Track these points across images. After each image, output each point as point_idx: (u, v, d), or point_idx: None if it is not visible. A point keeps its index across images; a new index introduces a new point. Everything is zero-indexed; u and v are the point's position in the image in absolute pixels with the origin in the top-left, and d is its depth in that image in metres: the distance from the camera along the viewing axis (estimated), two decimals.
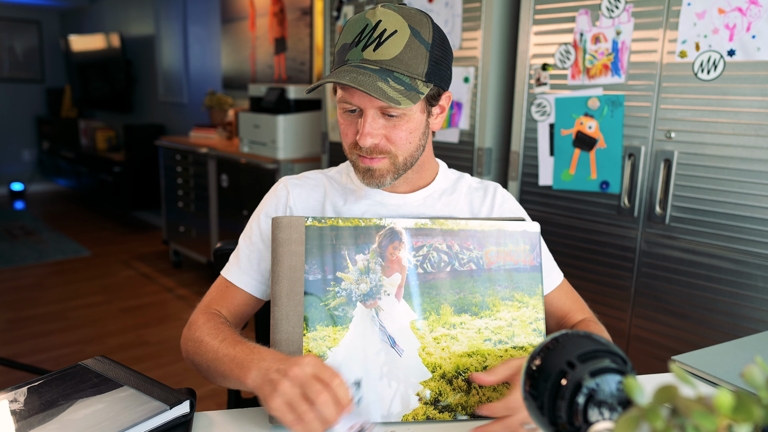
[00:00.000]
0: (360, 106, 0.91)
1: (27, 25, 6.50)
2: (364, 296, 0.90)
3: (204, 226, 3.68)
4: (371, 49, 0.88)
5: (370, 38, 0.89)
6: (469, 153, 2.23)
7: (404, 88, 0.88)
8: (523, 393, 0.58)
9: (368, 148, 0.93)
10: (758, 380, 0.38)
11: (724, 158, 1.61)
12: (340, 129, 0.97)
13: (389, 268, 0.91)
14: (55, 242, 4.61)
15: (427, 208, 1.05)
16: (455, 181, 1.10)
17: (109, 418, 0.76)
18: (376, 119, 0.92)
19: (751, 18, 1.52)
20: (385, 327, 0.88)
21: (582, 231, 1.94)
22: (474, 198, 1.09)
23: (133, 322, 3.17)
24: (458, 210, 1.07)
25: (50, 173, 6.47)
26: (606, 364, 0.54)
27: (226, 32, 4.30)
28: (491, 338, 0.91)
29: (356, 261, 0.91)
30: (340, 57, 0.93)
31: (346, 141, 0.97)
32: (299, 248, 0.90)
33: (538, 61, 1.98)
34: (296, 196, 1.06)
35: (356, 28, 0.90)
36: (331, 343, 0.86)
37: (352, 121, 0.94)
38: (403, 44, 0.88)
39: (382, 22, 0.89)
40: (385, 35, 0.88)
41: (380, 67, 0.88)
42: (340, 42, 0.93)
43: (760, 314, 1.59)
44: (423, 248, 0.93)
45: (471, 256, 0.94)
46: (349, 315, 0.88)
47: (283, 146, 3.05)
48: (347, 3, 2.62)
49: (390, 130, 0.93)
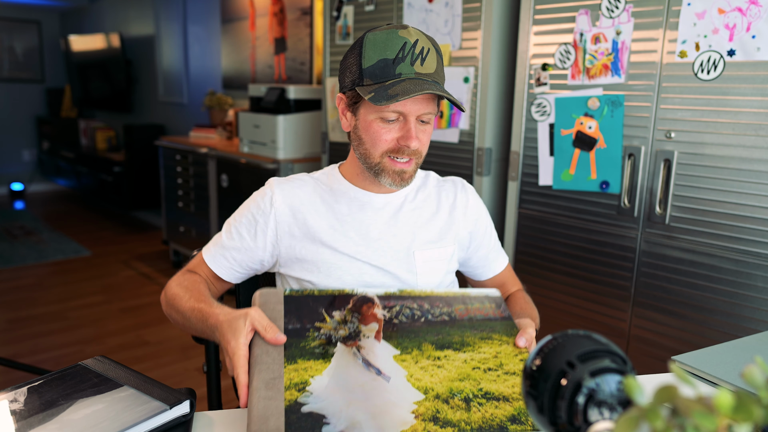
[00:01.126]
0: (408, 113, 1.02)
1: (27, 25, 6.50)
2: (344, 338, 0.89)
3: (204, 226, 3.68)
4: (419, 63, 1.01)
5: (414, 54, 1.00)
6: (469, 153, 2.23)
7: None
8: (523, 393, 0.58)
9: (411, 151, 1.04)
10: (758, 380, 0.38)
11: (724, 158, 1.61)
12: (370, 136, 1.05)
13: (366, 320, 0.94)
14: (55, 242, 4.61)
15: (408, 203, 1.16)
16: (424, 178, 1.22)
17: (109, 418, 0.76)
18: (417, 124, 1.04)
19: (751, 18, 1.52)
20: (369, 360, 0.87)
21: (582, 231, 1.94)
22: (445, 187, 1.22)
23: (133, 322, 3.17)
24: (432, 201, 1.19)
25: (50, 173, 6.47)
26: (606, 364, 0.54)
27: (226, 32, 4.30)
28: (480, 367, 0.89)
29: (333, 315, 0.93)
30: (384, 71, 1.01)
31: (381, 146, 1.05)
32: (278, 306, 0.93)
33: (538, 61, 1.98)
34: (279, 193, 1.13)
35: (395, 45, 1.00)
36: (313, 372, 0.84)
37: (391, 128, 1.04)
38: (436, 60, 1.03)
39: (419, 41, 1.01)
40: (424, 52, 1.01)
41: (432, 79, 1.02)
42: (374, 57, 1.01)
43: (760, 314, 1.59)
44: (395, 307, 0.97)
45: (442, 311, 0.99)
46: (330, 352, 0.87)
47: (283, 146, 3.05)
48: (347, 3, 2.62)
49: (423, 134, 1.06)
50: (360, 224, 1.12)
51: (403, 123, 1.03)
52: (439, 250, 1.16)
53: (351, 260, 1.11)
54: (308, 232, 1.11)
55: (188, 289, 1.07)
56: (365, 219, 1.13)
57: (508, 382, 0.88)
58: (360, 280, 1.11)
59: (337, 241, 1.11)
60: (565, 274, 2.01)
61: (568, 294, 2.00)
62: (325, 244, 1.11)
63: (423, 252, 1.14)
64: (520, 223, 2.10)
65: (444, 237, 1.17)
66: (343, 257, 1.10)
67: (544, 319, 2.09)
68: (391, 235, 1.13)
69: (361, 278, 1.11)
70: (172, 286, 1.10)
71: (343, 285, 1.10)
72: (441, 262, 1.17)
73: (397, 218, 1.14)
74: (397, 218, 1.14)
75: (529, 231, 2.09)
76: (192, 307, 1.01)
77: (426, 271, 1.14)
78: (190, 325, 1.02)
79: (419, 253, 1.14)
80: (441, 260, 1.17)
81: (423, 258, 1.14)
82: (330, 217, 1.12)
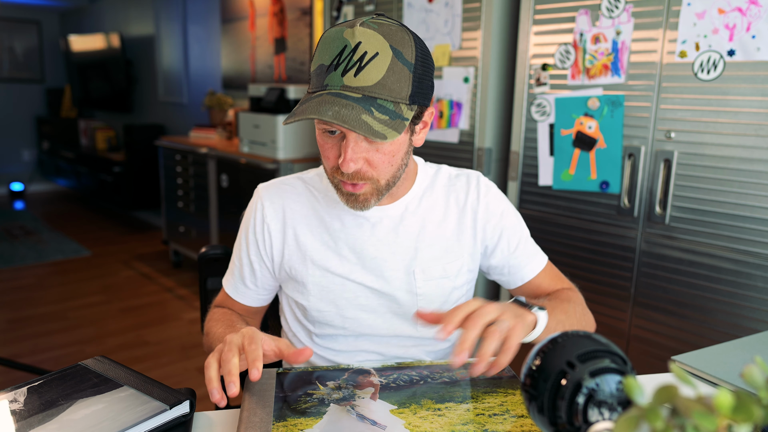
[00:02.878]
0: (342, 130, 0.88)
1: (27, 25, 6.50)
2: (338, 400, 0.85)
3: (204, 226, 3.68)
4: (352, 75, 0.83)
5: (350, 62, 0.83)
6: (469, 153, 2.23)
7: (389, 117, 0.84)
8: (522, 393, 0.58)
9: (350, 175, 0.90)
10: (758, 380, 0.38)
11: (724, 158, 1.61)
12: (320, 150, 0.93)
13: (361, 386, 0.89)
14: (55, 242, 4.61)
15: (410, 214, 1.04)
16: (433, 177, 1.08)
17: (109, 418, 0.76)
18: (359, 143, 0.88)
19: (751, 18, 1.52)
20: (363, 414, 0.82)
21: (582, 231, 1.94)
22: (457, 186, 1.07)
23: (133, 322, 3.17)
24: (439, 207, 1.06)
25: (50, 173, 6.47)
26: (606, 364, 0.54)
27: (226, 32, 4.30)
28: (484, 413, 0.82)
29: (327, 384, 0.89)
30: (317, 79, 0.87)
31: (327, 164, 0.93)
32: (270, 381, 0.90)
33: (538, 61, 1.98)
34: (270, 206, 1.06)
35: (334, 49, 0.84)
36: (303, 427, 0.79)
37: (333, 144, 0.90)
38: (385, 68, 0.83)
39: (362, 44, 0.82)
40: (366, 58, 0.82)
41: (362, 94, 0.83)
42: (317, 61, 0.87)
43: (760, 314, 1.59)
44: (393, 375, 0.93)
45: (443, 375, 0.93)
46: (322, 411, 0.82)
47: (283, 146, 3.05)
48: (347, 3, 2.62)
49: (372, 154, 0.89)
50: (355, 240, 1.02)
51: (344, 139, 0.88)
52: (444, 267, 1.04)
53: (344, 282, 1.03)
54: (299, 248, 1.04)
55: (219, 321, 1.04)
56: (360, 235, 1.02)
57: (516, 422, 0.81)
58: (354, 303, 1.04)
59: (329, 261, 1.02)
60: (565, 274, 2.00)
61: None
62: (316, 264, 1.03)
63: (425, 270, 1.03)
64: None
65: (451, 250, 1.05)
66: (335, 278, 1.03)
67: None
68: (390, 253, 1.02)
69: (356, 301, 1.04)
70: (206, 326, 1.08)
71: (336, 308, 1.05)
72: (446, 279, 1.05)
73: (396, 232, 1.03)
74: (396, 232, 1.03)
75: (529, 231, 2.08)
76: (223, 334, 0.96)
77: (428, 291, 1.04)
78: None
79: (420, 271, 1.03)
80: (446, 277, 1.05)
81: (424, 277, 1.03)
82: (322, 232, 1.04)
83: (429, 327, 1.05)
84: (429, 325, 0.84)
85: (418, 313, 0.83)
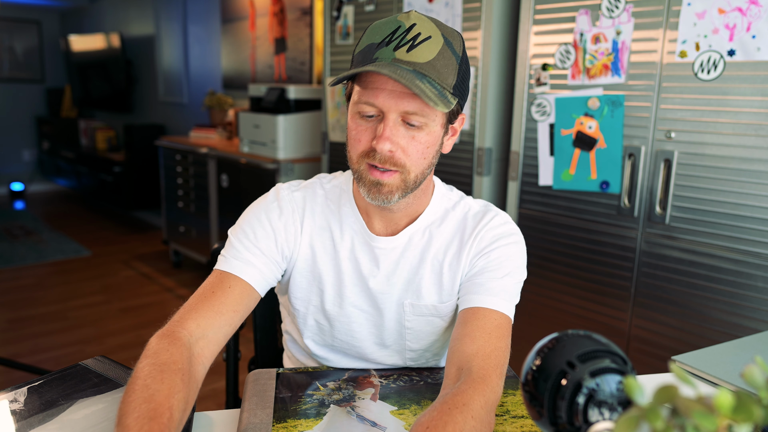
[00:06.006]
0: (383, 108, 0.83)
1: (27, 25, 6.50)
2: (338, 401, 0.85)
3: (204, 226, 3.68)
4: (404, 50, 0.82)
5: (403, 39, 0.82)
6: (469, 153, 2.23)
7: (438, 93, 0.82)
8: (522, 393, 0.58)
9: (383, 157, 0.85)
10: (758, 380, 0.38)
11: (724, 158, 1.61)
12: (350, 135, 0.89)
13: (361, 386, 0.89)
14: (55, 242, 4.61)
15: (412, 246, 0.98)
16: (448, 210, 1.00)
17: (109, 418, 0.76)
18: (397, 126, 0.84)
19: (751, 18, 1.52)
20: (364, 415, 0.82)
21: (582, 231, 1.94)
22: (468, 224, 0.98)
23: (133, 322, 3.17)
24: (442, 245, 0.98)
25: (50, 173, 6.47)
26: (606, 364, 0.54)
27: (226, 32, 4.30)
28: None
29: (327, 385, 0.89)
30: (364, 56, 0.84)
31: (356, 148, 0.87)
32: (270, 382, 0.90)
33: (538, 61, 1.98)
34: (289, 214, 0.99)
35: (386, 29, 0.84)
36: (304, 428, 0.78)
37: (367, 127, 0.86)
38: (437, 51, 0.83)
39: (417, 25, 0.83)
40: (419, 39, 0.82)
41: (414, 69, 0.81)
42: (365, 42, 0.86)
43: (760, 314, 1.59)
44: (392, 375, 0.92)
45: (442, 376, 0.92)
46: (322, 412, 0.82)
47: (283, 146, 3.05)
48: (347, 3, 2.62)
49: (408, 141, 0.86)
50: (360, 266, 0.99)
51: (382, 121, 0.85)
52: (436, 306, 0.98)
53: (342, 303, 1.00)
54: (310, 257, 0.99)
55: (158, 379, 0.73)
56: (366, 262, 0.99)
57: (516, 423, 0.81)
58: (347, 327, 1.01)
59: (334, 278, 1.00)
60: (565, 274, 2.01)
61: (568, 294, 2.00)
62: (322, 278, 0.99)
63: (414, 305, 0.99)
64: (520, 223, 2.10)
65: (445, 289, 0.98)
66: (336, 298, 1.00)
67: (543, 319, 2.10)
68: (388, 284, 0.99)
69: (349, 326, 1.01)
70: (142, 362, 0.77)
71: (330, 326, 1.02)
72: (438, 318, 1.00)
73: (397, 264, 0.98)
74: (397, 264, 0.98)
75: (529, 231, 2.08)
76: (136, 421, 0.66)
77: (416, 326, 0.99)
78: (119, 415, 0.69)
79: (409, 305, 0.98)
80: (438, 316, 0.99)
81: (413, 311, 0.99)
82: (332, 250, 0.99)
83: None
84: None
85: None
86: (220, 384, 2.54)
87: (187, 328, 0.85)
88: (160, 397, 0.70)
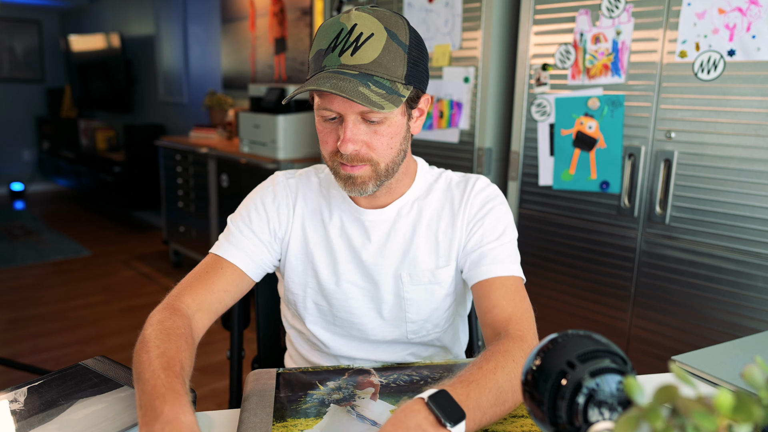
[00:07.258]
0: (340, 112, 0.89)
1: (27, 25, 6.50)
2: (338, 400, 0.85)
3: (204, 226, 3.68)
4: (349, 54, 0.86)
5: (347, 43, 0.86)
6: (469, 153, 2.23)
7: (385, 92, 0.86)
8: (523, 392, 0.58)
9: (349, 156, 0.91)
10: (758, 380, 0.38)
11: (724, 158, 1.61)
12: (319, 137, 0.95)
13: (361, 386, 0.89)
14: (55, 242, 4.61)
15: (402, 218, 1.03)
16: (432, 183, 1.06)
17: (109, 418, 0.76)
18: (357, 125, 0.89)
19: (751, 18, 1.52)
20: (364, 415, 0.82)
21: (582, 231, 1.94)
22: (455, 193, 1.04)
23: (133, 322, 3.16)
24: (432, 213, 1.04)
25: (50, 173, 6.47)
26: (606, 364, 0.54)
27: (226, 32, 4.30)
28: None
29: (327, 384, 0.89)
30: (316, 64, 0.90)
31: (326, 149, 0.94)
32: (270, 381, 0.90)
33: (538, 61, 1.98)
34: (283, 199, 1.06)
35: (331, 33, 0.88)
36: (303, 427, 0.78)
37: (332, 129, 0.92)
38: (380, 47, 0.86)
39: (358, 25, 0.86)
40: (362, 39, 0.86)
41: (359, 71, 0.86)
42: (315, 48, 0.91)
43: (760, 314, 1.59)
44: (393, 375, 0.93)
45: (443, 375, 0.93)
46: (322, 411, 0.82)
47: (283, 146, 3.05)
48: (347, 2, 2.62)
49: (371, 136, 0.91)
50: (352, 242, 1.04)
51: (344, 122, 0.90)
52: (433, 272, 1.03)
53: (338, 281, 1.04)
54: (302, 241, 1.05)
55: (165, 340, 0.83)
56: (357, 237, 1.04)
57: (516, 423, 0.82)
58: (345, 304, 1.05)
59: (327, 258, 1.04)
60: (565, 274, 2.01)
61: (568, 294, 2.00)
62: (315, 259, 1.04)
63: (411, 274, 1.02)
64: (520, 223, 2.10)
65: (442, 256, 1.03)
66: (331, 276, 1.04)
67: (543, 319, 2.10)
68: (381, 257, 1.03)
69: (347, 302, 1.04)
70: (148, 329, 0.87)
71: (330, 306, 1.05)
72: (436, 285, 1.03)
73: (388, 236, 1.03)
74: (388, 236, 1.03)
75: (529, 231, 2.09)
76: (153, 373, 0.76)
77: (415, 296, 1.03)
78: (136, 387, 0.77)
79: (407, 275, 1.02)
80: (436, 283, 1.03)
81: (411, 281, 1.02)
82: (324, 231, 1.05)
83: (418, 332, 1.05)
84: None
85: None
86: (221, 384, 2.54)
87: (185, 302, 0.94)
88: (170, 353, 0.80)
